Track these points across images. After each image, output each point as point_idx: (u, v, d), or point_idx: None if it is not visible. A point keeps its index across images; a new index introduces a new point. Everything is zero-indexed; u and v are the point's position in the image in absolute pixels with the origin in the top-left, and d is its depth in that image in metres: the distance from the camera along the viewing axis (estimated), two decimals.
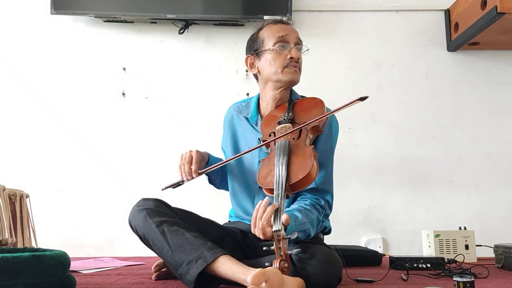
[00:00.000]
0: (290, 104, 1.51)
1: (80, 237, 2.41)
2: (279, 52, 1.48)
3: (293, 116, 1.44)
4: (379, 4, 2.59)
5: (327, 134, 1.46)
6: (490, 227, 2.39)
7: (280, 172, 1.24)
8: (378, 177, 2.48)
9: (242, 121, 1.60)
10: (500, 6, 2.04)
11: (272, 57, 1.48)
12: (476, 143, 2.52)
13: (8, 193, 1.61)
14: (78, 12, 2.45)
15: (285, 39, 1.49)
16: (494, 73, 2.56)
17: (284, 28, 1.52)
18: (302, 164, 1.25)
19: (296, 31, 1.54)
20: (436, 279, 1.49)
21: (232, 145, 1.62)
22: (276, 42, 1.48)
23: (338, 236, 2.35)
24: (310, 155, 1.27)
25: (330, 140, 1.48)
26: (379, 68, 2.57)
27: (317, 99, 1.49)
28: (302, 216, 1.26)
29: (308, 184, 1.25)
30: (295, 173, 1.24)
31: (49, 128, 2.50)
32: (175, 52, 2.57)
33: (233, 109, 1.66)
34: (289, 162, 1.27)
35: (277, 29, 1.51)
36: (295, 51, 1.48)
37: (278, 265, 1.06)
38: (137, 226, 1.30)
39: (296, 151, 1.31)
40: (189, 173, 1.42)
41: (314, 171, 1.25)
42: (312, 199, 1.39)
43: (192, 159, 1.43)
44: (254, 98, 1.62)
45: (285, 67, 1.47)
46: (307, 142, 1.34)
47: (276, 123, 1.44)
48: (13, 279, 0.97)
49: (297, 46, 1.50)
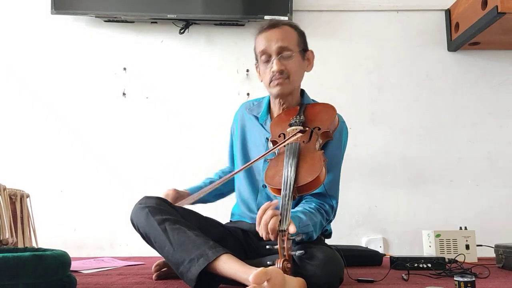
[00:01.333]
0: (302, 107, 1.51)
1: (81, 237, 2.41)
2: (265, 68, 1.49)
3: (304, 119, 1.44)
4: (380, 4, 2.59)
5: (336, 141, 1.46)
6: (490, 227, 2.38)
7: (288, 173, 1.24)
8: (378, 177, 2.48)
9: (251, 119, 1.62)
10: (500, 6, 2.04)
11: (262, 70, 1.52)
12: (476, 143, 2.52)
13: (8, 193, 1.61)
14: (79, 12, 2.46)
15: (266, 52, 1.47)
16: (494, 73, 2.56)
17: (266, 38, 1.47)
18: (311, 168, 1.26)
19: (278, 38, 1.46)
20: (437, 279, 1.48)
21: (241, 143, 1.63)
22: (260, 57, 1.50)
23: (339, 236, 2.35)
24: (319, 160, 1.27)
25: (339, 147, 1.49)
26: (380, 68, 2.56)
27: (329, 105, 1.49)
28: (306, 218, 1.27)
29: (315, 188, 1.25)
30: (304, 176, 1.24)
31: (50, 128, 2.50)
32: (175, 52, 2.57)
33: (244, 107, 1.68)
34: (298, 165, 1.27)
35: (260, 42, 1.49)
36: (275, 64, 1.45)
37: (281, 265, 1.06)
38: (139, 224, 1.30)
39: (305, 154, 1.31)
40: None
41: (322, 175, 1.25)
42: (317, 203, 1.39)
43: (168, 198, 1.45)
44: (266, 99, 1.63)
45: (270, 82, 1.48)
46: (317, 146, 1.35)
47: (287, 124, 1.44)
48: (14, 279, 0.97)
49: (280, 55, 1.46)
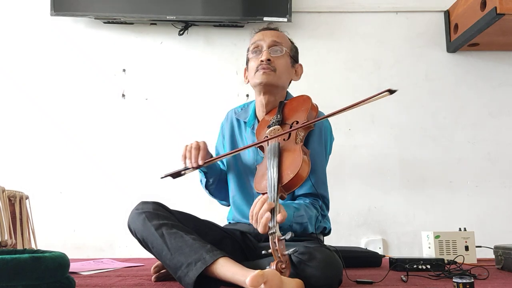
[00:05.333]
0: (280, 106, 1.52)
1: (80, 239, 2.42)
2: (253, 58, 1.52)
3: (282, 117, 1.45)
4: (379, 5, 2.59)
5: (317, 135, 1.47)
6: (490, 228, 2.38)
7: (271, 174, 1.24)
8: (378, 178, 2.48)
9: (240, 125, 1.63)
10: (499, 7, 2.04)
11: (250, 64, 1.54)
12: (476, 144, 2.52)
13: (7, 194, 1.61)
14: (78, 13, 2.46)
15: (258, 44, 1.51)
16: (493, 74, 2.56)
17: (261, 34, 1.54)
18: (292, 163, 1.25)
19: (273, 34, 1.53)
20: (436, 280, 1.48)
21: (230, 149, 1.62)
22: (252, 49, 1.53)
23: (338, 237, 2.36)
24: (299, 153, 1.26)
25: (321, 144, 1.49)
26: (379, 69, 2.57)
27: (304, 96, 1.50)
28: (301, 209, 1.28)
29: (300, 181, 1.25)
30: (286, 173, 1.24)
31: (49, 130, 2.50)
32: (175, 53, 2.57)
33: (232, 112, 1.69)
34: (280, 163, 1.27)
35: (254, 37, 1.54)
36: (264, 54, 1.48)
37: (275, 266, 1.06)
38: (136, 229, 1.31)
39: (286, 152, 1.31)
40: (196, 159, 1.40)
41: (305, 168, 1.24)
42: (311, 199, 1.42)
43: (199, 147, 1.43)
44: (252, 103, 1.64)
45: (257, 71, 1.49)
46: (298, 140, 1.34)
47: (267, 127, 1.45)
48: (12, 281, 0.97)
49: (271, 48, 1.50)
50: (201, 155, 1.41)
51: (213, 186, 1.64)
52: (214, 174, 1.61)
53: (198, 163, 1.40)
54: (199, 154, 1.41)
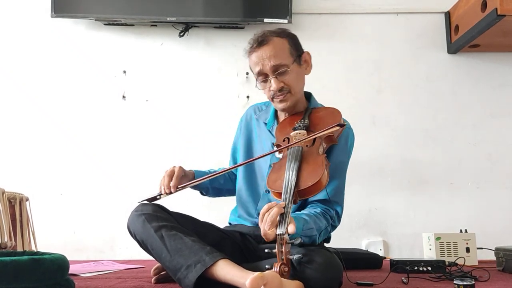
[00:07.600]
0: (307, 111, 1.51)
1: (80, 240, 2.41)
2: (263, 87, 1.48)
3: (308, 123, 1.44)
4: (379, 7, 2.59)
5: (342, 146, 1.46)
6: (491, 230, 2.38)
7: (290, 177, 1.24)
8: (378, 179, 2.48)
9: (259, 124, 1.62)
10: (500, 8, 2.04)
11: (262, 88, 1.49)
12: (476, 145, 2.51)
13: (7, 196, 1.61)
14: (79, 15, 2.46)
15: (262, 73, 1.45)
16: (494, 75, 2.56)
17: (258, 57, 1.44)
18: (312, 172, 1.25)
19: (270, 54, 1.41)
20: (437, 282, 1.48)
21: (245, 145, 1.62)
22: (257, 77, 1.48)
23: (339, 239, 2.33)
24: (321, 164, 1.26)
25: (344, 153, 1.48)
26: (380, 71, 2.56)
27: (334, 109, 1.48)
28: (311, 222, 1.27)
29: (316, 191, 1.25)
30: (305, 180, 1.24)
31: (50, 131, 2.50)
32: (175, 55, 2.57)
33: (253, 110, 1.67)
34: (300, 168, 1.27)
35: (253, 63, 1.47)
36: (273, 83, 1.43)
37: (278, 268, 1.06)
38: (136, 231, 1.31)
39: (308, 158, 1.31)
40: (167, 186, 1.42)
41: (324, 179, 1.25)
42: (323, 208, 1.39)
43: (173, 173, 1.44)
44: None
45: (273, 98, 1.48)
46: (320, 150, 1.34)
47: (291, 129, 1.44)
48: (12, 283, 0.97)
49: (276, 73, 1.43)
50: (173, 183, 1.41)
51: (209, 195, 1.68)
52: (203, 188, 1.64)
53: (170, 190, 1.42)
54: (171, 182, 1.42)
